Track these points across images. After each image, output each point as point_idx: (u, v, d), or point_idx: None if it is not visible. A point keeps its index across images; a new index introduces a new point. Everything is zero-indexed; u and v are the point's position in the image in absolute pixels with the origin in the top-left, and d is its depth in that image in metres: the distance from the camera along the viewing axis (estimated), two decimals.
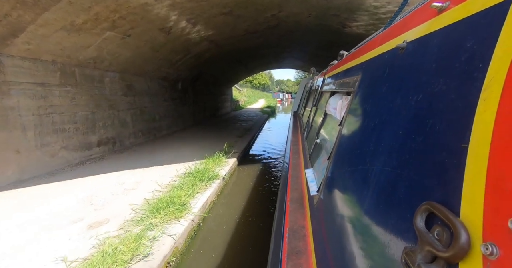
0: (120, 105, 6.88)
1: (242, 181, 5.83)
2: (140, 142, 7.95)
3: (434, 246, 0.46)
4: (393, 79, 0.90)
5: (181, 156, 6.48)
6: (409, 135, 0.66)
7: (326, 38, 10.40)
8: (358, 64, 1.52)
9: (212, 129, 11.53)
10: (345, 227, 0.94)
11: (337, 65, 2.55)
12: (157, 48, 7.02)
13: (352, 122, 1.28)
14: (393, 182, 0.68)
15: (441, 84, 0.59)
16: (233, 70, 15.72)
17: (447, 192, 0.48)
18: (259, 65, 17.97)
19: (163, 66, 8.44)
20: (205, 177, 4.72)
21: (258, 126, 13.47)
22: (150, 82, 8.46)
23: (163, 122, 9.48)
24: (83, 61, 5.36)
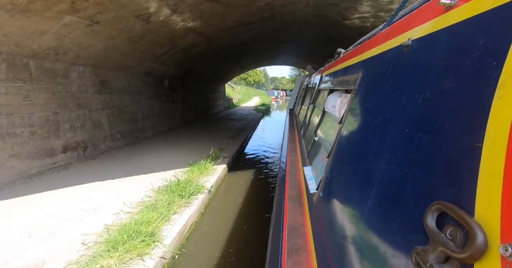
0: (93, 104, 5.97)
1: (232, 193, 5.01)
2: (119, 145, 7.05)
3: (447, 246, 0.45)
4: (398, 77, 0.88)
5: (163, 163, 5.63)
6: (416, 134, 0.64)
7: (324, 32, 9.59)
8: (359, 62, 1.48)
9: (203, 129, 10.67)
10: (347, 225, 0.92)
11: (336, 63, 2.46)
12: (136, 39, 6.11)
13: (353, 120, 1.26)
14: (399, 181, 0.67)
15: (450, 82, 0.57)
16: (226, 66, 14.82)
17: (460, 192, 0.47)
18: (253, 61, 17.08)
19: (145, 60, 7.52)
20: (186, 191, 3.89)
21: (252, 126, 12.65)
22: (131, 78, 7.54)
23: (147, 122, 8.58)
24: (39, 52, 4.44)
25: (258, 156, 8.13)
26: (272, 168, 6.75)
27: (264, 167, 6.87)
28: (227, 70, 15.96)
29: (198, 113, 14.07)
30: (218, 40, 9.21)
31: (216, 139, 8.61)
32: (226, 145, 7.67)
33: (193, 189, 4.05)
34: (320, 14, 7.55)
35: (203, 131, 10.17)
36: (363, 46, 1.52)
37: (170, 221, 3.19)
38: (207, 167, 5.23)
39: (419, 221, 0.53)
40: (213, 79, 15.88)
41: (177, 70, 10.19)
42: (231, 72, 17.78)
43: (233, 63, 14.74)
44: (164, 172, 5.06)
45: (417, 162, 0.61)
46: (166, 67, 9.11)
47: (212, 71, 13.83)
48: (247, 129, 11.35)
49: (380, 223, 0.71)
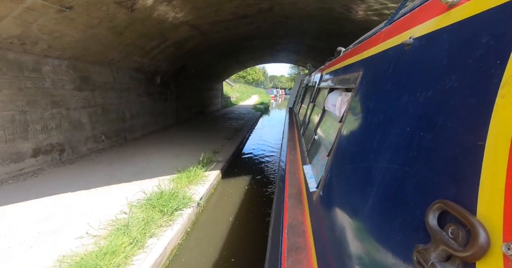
0: (71, 101, 5.32)
1: (226, 205, 4.39)
2: (103, 147, 6.41)
3: (449, 245, 0.45)
4: (399, 76, 0.87)
5: (149, 169, 5.00)
6: (418, 133, 0.64)
7: (326, 27, 8.96)
8: (360, 61, 1.45)
9: (197, 129, 10.03)
10: (347, 224, 0.91)
11: (336, 61, 2.45)
12: (120, 30, 5.45)
13: (353, 119, 1.24)
14: (400, 179, 0.66)
15: (453, 81, 0.57)
16: (223, 63, 14.15)
17: (462, 191, 0.46)
18: (251, 58, 16.42)
19: (133, 54, 6.86)
20: (169, 206, 3.28)
21: (250, 125, 12.03)
22: (118, 74, 6.88)
23: (136, 122, 7.94)
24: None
25: (256, 159, 7.51)
26: (272, 173, 6.14)
27: (262, 172, 6.26)
28: (224, 67, 15.29)
29: (194, 111, 13.42)
30: (213, 34, 8.56)
31: (211, 140, 7.98)
32: (221, 147, 7.05)
33: (177, 203, 3.42)
34: (324, 7, 6.91)
35: (197, 131, 9.53)
36: (363, 45, 1.50)
37: (145, 247, 2.57)
38: (197, 174, 4.61)
39: (420, 219, 0.53)
40: (210, 76, 15.21)
41: (170, 66, 9.53)
42: (229, 69, 17.11)
43: (230, 60, 14.08)
44: (149, 180, 4.43)
45: (418, 161, 0.60)
46: (157, 63, 8.45)
47: (208, 68, 13.17)
48: (245, 129, 10.72)
49: (380, 222, 0.70)
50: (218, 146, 7.09)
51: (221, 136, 8.72)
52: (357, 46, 1.66)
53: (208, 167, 5.13)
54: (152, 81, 8.82)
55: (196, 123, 11.73)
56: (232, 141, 8.03)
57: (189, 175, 4.48)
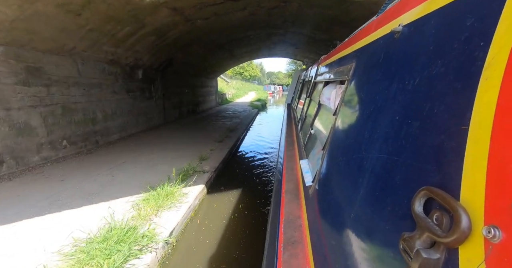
0: (13, 99, 4.15)
1: (208, 237, 3.26)
2: (65, 155, 5.26)
3: (433, 231, 0.44)
4: (388, 65, 0.86)
5: (112, 186, 3.88)
6: (406, 121, 0.63)
7: (329, 13, 7.79)
8: (352, 52, 1.46)
9: (186, 130, 8.88)
10: (340, 216, 0.91)
11: (331, 54, 2.44)
12: (76, 9, 4.27)
13: (346, 111, 1.25)
14: (389, 169, 0.66)
15: (439, 66, 0.56)
16: (216, 57, 12.94)
17: (446, 176, 0.46)
18: (247, 52, 15.19)
19: (102, 42, 5.67)
20: (113, 259, 2.16)
21: (246, 124, 10.90)
22: (84, 66, 5.70)
23: (112, 123, 6.78)
24: None
25: (253, 164, 6.39)
26: (270, 184, 5.03)
27: (260, 181, 5.15)
28: (217, 61, 14.07)
29: (184, 110, 12.24)
30: (201, 21, 7.36)
31: (199, 143, 6.86)
32: (210, 153, 5.93)
33: (133, 244, 2.32)
34: None
35: (186, 132, 8.39)
36: (356, 36, 1.49)
37: None
38: (172, 193, 3.51)
39: (407, 208, 0.52)
40: (202, 72, 14.00)
41: (154, 59, 8.33)
42: (223, 64, 15.89)
43: (224, 53, 12.86)
44: (106, 202, 3.32)
45: (406, 149, 0.60)
46: (136, 55, 7.26)
47: (199, 62, 11.95)
48: (240, 129, 9.59)
49: (371, 212, 0.69)
50: (207, 151, 5.98)
51: (212, 138, 7.60)
52: (350, 38, 1.65)
53: (190, 180, 4.02)
54: (131, 76, 7.63)
55: (186, 123, 10.57)
56: (223, 144, 6.90)
57: (161, 195, 3.38)
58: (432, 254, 0.44)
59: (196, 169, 4.67)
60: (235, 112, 14.91)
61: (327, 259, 0.92)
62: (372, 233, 0.67)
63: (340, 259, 0.81)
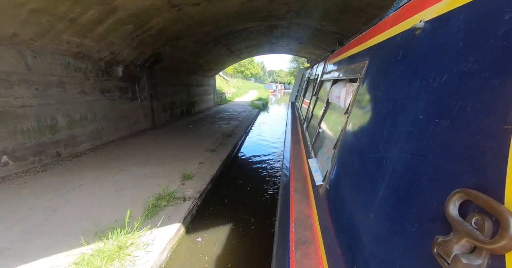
0: None
1: None
2: (4, 175, 4.03)
3: (473, 236, 0.41)
4: (409, 62, 0.82)
5: (42, 232, 2.65)
6: (433, 120, 0.60)
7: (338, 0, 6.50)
8: (366, 49, 1.38)
9: (176, 136, 7.65)
10: (358, 217, 0.87)
11: (340, 52, 2.36)
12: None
13: (360, 110, 1.19)
14: (414, 169, 0.62)
15: (471, 63, 0.52)
16: (212, 53, 11.66)
17: (487, 178, 0.42)
18: (246, 48, 13.90)
19: (58, 29, 4.42)
20: None
21: (245, 127, 9.65)
22: (37, 60, 4.47)
23: (80, 130, 5.55)
24: None
25: (252, 183, 5.13)
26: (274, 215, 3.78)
27: (262, 208, 3.89)
28: (214, 58, 12.80)
29: (177, 111, 11.00)
30: (189, 8, 6.09)
31: (186, 154, 5.63)
32: (198, 168, 4.71)
33: None
34: None
35: (175, 139, 7.16)
36: (369, 33, 1.43)
37: None
38: (125, 246, 2.28)
39: (438, 210, 0.50)
40: (197, 69, 12.74)
41: (136, 54, 7.09)
42: (221, 61, 14.61)
43: (220, 49, 11.58)
44: (22, 266, 2.10)
45: (434, 149, 0.57)
46: (112, 47, 6.01)
47: (193, 58, 10.69)
48: (237, 133, 8.35)
49: (394, 214, 0.65)
50: (194, 166, 4.75)
51: (203, 146, 6.36)
52: (363, 35, 1.59)
53: (163, 214, 2.79)
54: (109, 74, 6.40)
55: (178, 126, 9.33)
56: (215, 155, 5.67)
57: (104, 253, 2.14)
58: (473, 260, 0.40)
59: (174, 196, 3.45)
60: (234, 113, 13.65)
61: (341, 260, 0.87)
62: (397, 236, 0.62)
63: (358, 261, 0.76)
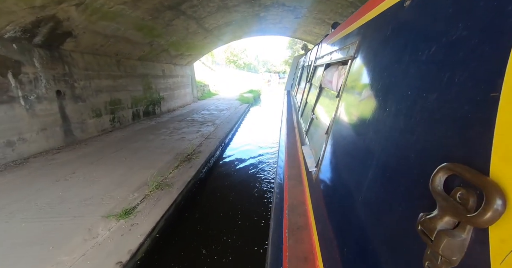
0: None
1: None
2: None
3: (457, 210, 0.39)
4: (397, 37, 0.77)
5: None
6: (420, 94, 0.56)
7: None
8: (356, 29, 1.31)
9: (92, 164, 4.25)
10: (348, 199, 0.85)
11: (332, 35, 2.27)
12: None
13: (351, 91, 1.15)
14: (402, 146, 0.59)
15: (460, 30, 0.48)
16: (176, 30, 8.06)
17: (472, 150, 0.40)
18: (227, 25, 10.23)
19: None
20: None
21: (224, 135, 6.30)
22: None
23: None
24: None
25: None
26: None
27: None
28: (182, 38, 9.18)
29: (125, 115, 7.50)
30: None
31: (77, 215, 2.28)
32: None
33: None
34: None
35: (79, 172, 3.80)
36: (360, 11, 1.33)
37: None
38: None
39: (423, 187, 0.47)
40: (160, 54, 9.14)
41: (3, 21, 3.58)
42: (194, 43, 10.96)
43: (187, 23, 7.98)
44: None
45: (421, 124, 0.53)
46: None
47: (143, 36, 7.09)
48: (205, 151, 5.00)
49: (382, 193, 0.64)
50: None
51: (127, 188, 3.01)
52: (354, 14, 1.50)
53: None
54: None
55: (114, 140, 5.89)
56: (126, 226, 2.33)
57: None
58: (456, 235, 0.38)
59: None
60: (214, 112, 10.21)
61: (333, 243, 0.87)
62: (383, 215, 0.60)
63: (349, 243, 0.75)
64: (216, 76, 22.28)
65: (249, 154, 6.10)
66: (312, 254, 0.99)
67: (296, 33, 13.49)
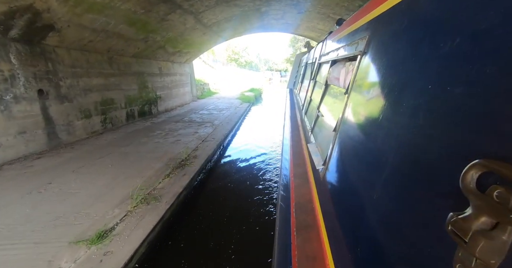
0: None
1: None
2: None
3: (496, 210, 0.35)
4: (416, 28, 0.71)
5: None
6: (445, 88, 0.52)
7: None
8: (366, 23, 1.25)
9: (83, 166, 3.81)
10: (361, 198, 0.81)
11: (338, 31, 2.19)
12: None
13: (361, 88, 1.10)
14: (422, 144, 0.55)
15: (490, 19, 0.43)
16: (172, 25, 7.57)
17: (510, 146, 0.36)
18: (226, 20, 9.73)
19: None
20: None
21: (224, 135, 5.83)
22: None
23: None
24: None
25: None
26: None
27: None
28: (179, 34, 8.69)
29: (118, 115, 7.03)
30: None
31: None
32: None
33: None
34: None
35: (58, 180, 3.35)
36: (370, 5, 1.28)
37: None
38: None
39: (451, 185, 0.44)
40: (156, 51, 8.66)
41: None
42: (193, 40, 10.47)
43: (184, 18, 7.49)
44: None
45: (446, 120, 0.50)
46: None
47: (137, 31, 6.61)
48: (201, 155, 4.54)
49: (402, 193, 0.59)
50: None
51: (98, 210, 2.54)
52: (363, 8, 1.43)
53: None
54: None
55: (102, 143, 5.42)
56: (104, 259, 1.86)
57: None
58: (495, 237, 0.35)
59: None
60: (213, 112, 9.73)
61: (345, 242, 0.83)
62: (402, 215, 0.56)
63: (363, 243, 0.71)
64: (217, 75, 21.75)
65: (249, 157, 5.63)
66: (321, 253, 0.96)
67: (298, 29, 12.94)
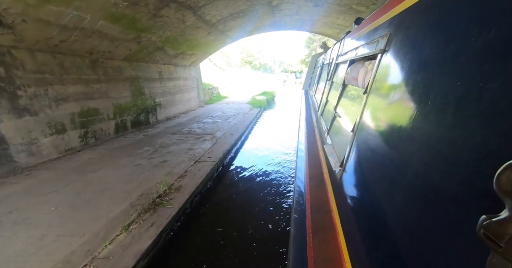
0: None
1: None
2: None
3: None
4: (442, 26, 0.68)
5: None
6: (476, 84, 0.49)
7: None
8: (387, 21, 1.21)
9: (16, 209, 2.70)
10: (381, 200, 0.78)
11: (356, 30, 2.14)
12: None
13: (381, 87, 1.06)
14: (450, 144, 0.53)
15: None
16: (169, 23, 6.46)
17: None
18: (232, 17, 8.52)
19: None
20: None
21: (224, 151, 4.57)
22: None
23: None
24: None
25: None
26: None
27: None
28: (180, 33, 7.58)
29: (105, 128, 5.96)
30: None
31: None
32: None
33: None
34: None
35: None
36: (391, 2, 1.23)
37: None
38: None
39: (484, 186, 0.42)
40: (153, 53, 7.61)
41: None
42: (196, 40, 9.34)
43: (182, 14, 6.35)
44: None
45: (478, 119, 0.47)
46: None
47: (123, 29, 5.53)
48: (190, 183, 3.30)
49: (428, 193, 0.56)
50: None
51: None
52: (382, 7, 1.39)
53: None
54: None
55: (69, 167, 4.33)
56: None
57: None
58: None
59: None
60: (218, 120, 8.54)
61: (364, 245, 0.81)
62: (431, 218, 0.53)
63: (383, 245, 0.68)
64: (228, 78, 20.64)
65: (256, 183, 4.33)
66: (338, 255, 0.92)
67: (315, 26, 11.47)
